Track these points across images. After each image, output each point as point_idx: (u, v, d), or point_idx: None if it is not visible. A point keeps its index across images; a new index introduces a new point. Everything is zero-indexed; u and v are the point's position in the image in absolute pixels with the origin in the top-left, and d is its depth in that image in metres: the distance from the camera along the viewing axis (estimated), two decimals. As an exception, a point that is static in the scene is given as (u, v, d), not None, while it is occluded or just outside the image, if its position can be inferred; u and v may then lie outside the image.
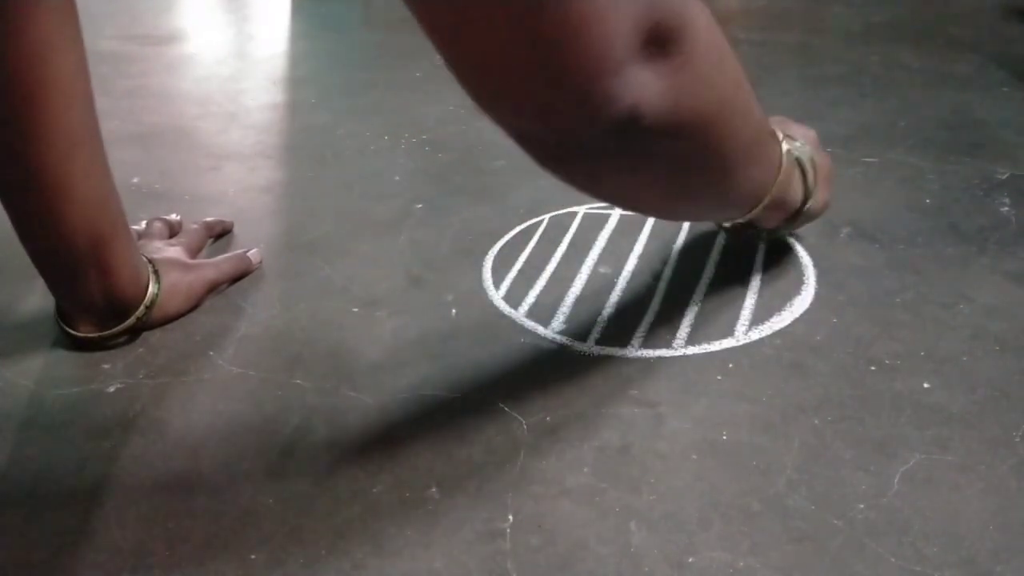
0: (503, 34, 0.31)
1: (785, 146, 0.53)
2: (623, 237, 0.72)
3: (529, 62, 0.32)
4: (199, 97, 1.12)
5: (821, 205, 0.62)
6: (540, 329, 0.60)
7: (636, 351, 0.57)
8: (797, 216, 0.59)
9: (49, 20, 0.50)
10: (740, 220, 0.57)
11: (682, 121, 0.37)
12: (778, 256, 0.68)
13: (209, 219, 0.74)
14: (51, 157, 0.52)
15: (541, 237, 0.72)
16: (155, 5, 1.61)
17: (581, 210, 0.77)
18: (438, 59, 0.34)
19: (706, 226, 0.73)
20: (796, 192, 0.57)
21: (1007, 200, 0.75)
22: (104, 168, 0.57)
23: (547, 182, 0.90)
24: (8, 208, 0.55)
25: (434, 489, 0.47)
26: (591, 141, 0.35)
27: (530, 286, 0.65)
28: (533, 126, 0.36)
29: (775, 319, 0.60)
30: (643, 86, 0.33)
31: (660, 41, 0.33)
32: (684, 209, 0.55)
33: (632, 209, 0.64)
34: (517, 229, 0.74)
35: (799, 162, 0.56)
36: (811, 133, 0.61)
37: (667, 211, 0.56)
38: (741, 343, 0.57)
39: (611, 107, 0.33)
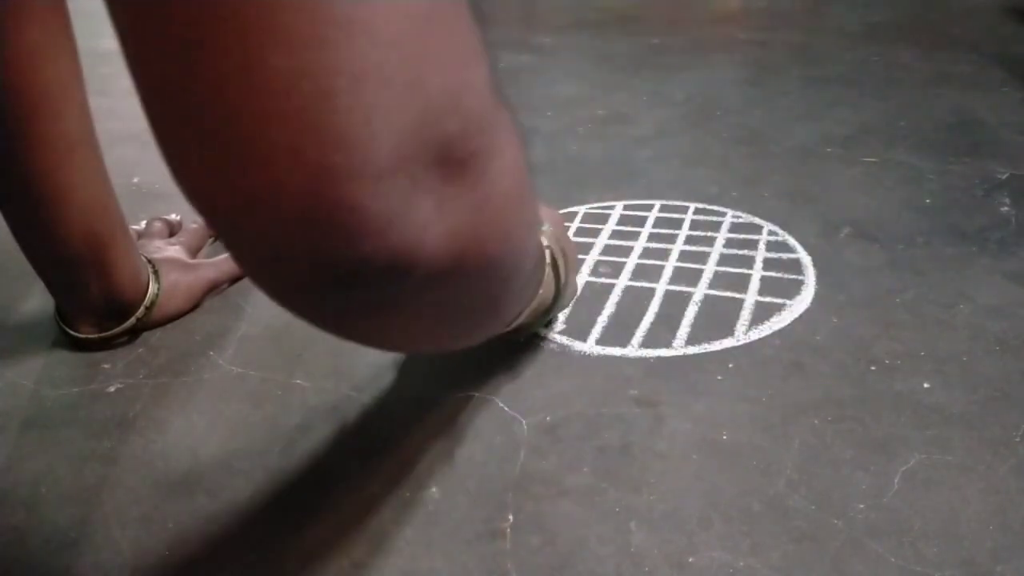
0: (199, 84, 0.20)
1: (545, 241, 0.48)
2: (623, 237, 0.72)
3: (244, 141, 0.20)
4: (199, 97, 1.11)
5: (572, 291, 0.58)
6: (540, 329, 0.60)
7: (636, 351, 0.57)
8: (549, 311, 0.55)
9: (38, 28, 0.50)
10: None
11: (466, 269, 0.25)
12: (778, 256, 0.68)
13: (209, 219, 0.74)
14: (47, 163, 0.52)
15: (541, 237, 0.72)
16: (155, 5, 1.61)
17: (581, 210, 0.77)
18: None
19: (706, 227, 0.73)
20: (549, 289, 0.51)
21: (1007, 200, 0.75)
22: (101, 172, 0.57)
23: (545, 182, 0.89)
24: (6, 215, 0.55)
25: (434, 489, 0.47)
26: (333, 286, 0.23)
27: (530, 286, 0.65)
28: (250, 248, 0.23)
29: (775, 319, 0.60)
30: (424, 219, 0.22)
31: (456, 162, 0.23)
32: (448, 345, 0.42)
33: (388, 350, 0.50)
34: (517, 229, 0.73)
35: (551, 254, 0.50)
36: (555, 214, 0.55)
37: (426, 349, 0.48)
38: (741, 343, 0.57)
39: (361, 244, 0.21)
